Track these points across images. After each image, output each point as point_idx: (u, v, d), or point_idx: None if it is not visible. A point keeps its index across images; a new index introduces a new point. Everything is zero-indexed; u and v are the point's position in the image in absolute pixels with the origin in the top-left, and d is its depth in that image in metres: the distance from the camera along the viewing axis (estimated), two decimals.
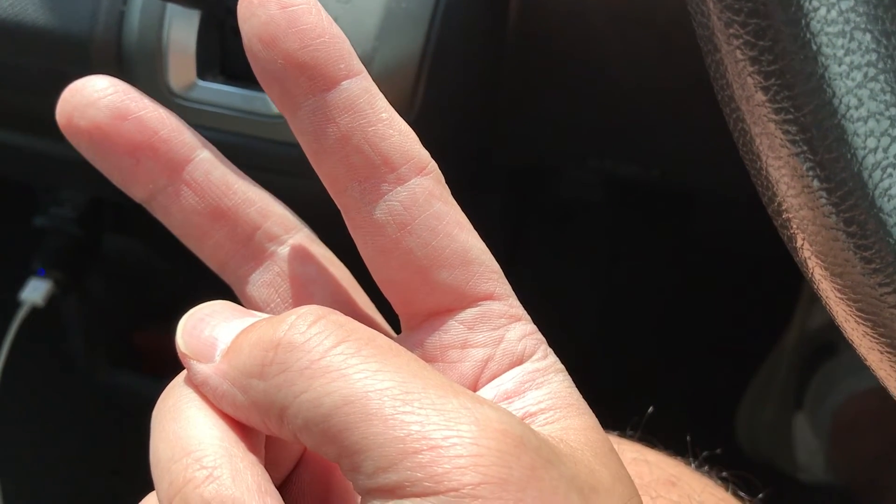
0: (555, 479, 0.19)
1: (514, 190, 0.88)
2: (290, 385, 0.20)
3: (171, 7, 0.44)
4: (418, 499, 0.18)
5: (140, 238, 0.80)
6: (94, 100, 0.23)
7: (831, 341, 0.93)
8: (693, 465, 0.35)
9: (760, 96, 0.21)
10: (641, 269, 0.99)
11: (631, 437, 0.36)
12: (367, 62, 0.43)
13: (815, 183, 0.21)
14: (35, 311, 0.73)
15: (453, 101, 0.48)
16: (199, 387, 0.22)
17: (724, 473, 0.35)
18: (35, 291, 0.72)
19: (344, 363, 0.19)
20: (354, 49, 0.43)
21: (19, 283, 0.73)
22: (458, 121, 0.50)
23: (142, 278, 0.87)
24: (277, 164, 0.46)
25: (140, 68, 0.45)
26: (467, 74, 0.48)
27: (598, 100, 0.57)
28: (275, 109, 0.44)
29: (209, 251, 0.25)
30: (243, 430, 0.21)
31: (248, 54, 0.22)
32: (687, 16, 0.49)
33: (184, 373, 0.22)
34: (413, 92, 0.44)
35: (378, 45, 0.43)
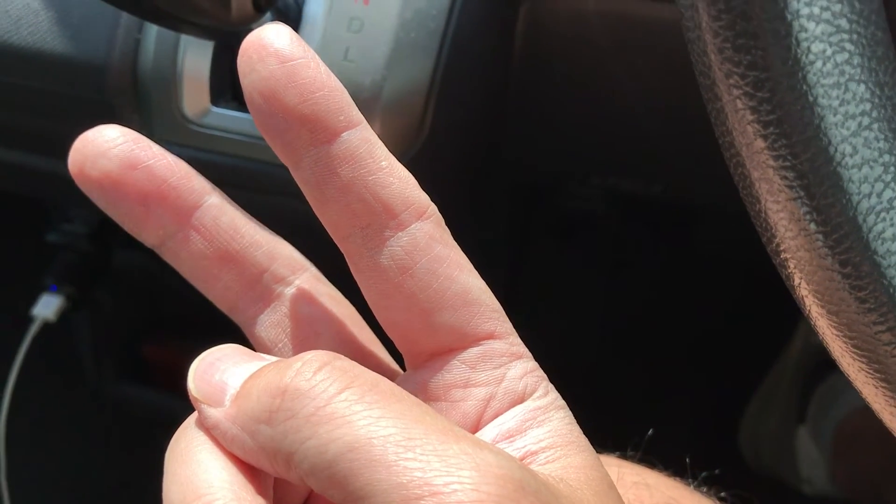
0: None
1: (518, 203, 0.88)
2: (297, 431, 0.20)
3: (185, 36, 0.45)
4: None
5: (149, 253, 0.81)
6: (104, 150, 0.24)
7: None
8: (692, 485, 0.35)
9: (760, 143, 0.22)
10: (644, 281, 1.00)
11: (632, 458, 0.36)
12: (377, 89, 0.44)
13: (812, 226, 0.22)
14: (47, 326, 0.74)
15: (461, 124, 0.49)
16: (209, 430, 0.22)
17: (722, 494, 0.36)
18: (47, 307, 0.73)
19: (348, 409, 0.20)
20: (363, 80, 0.44)
21: (31, 299, 0.74)
22: (467, 143, 0.51)
23: (150, 292, 0.88)
24: (287, 188, 0.47)
25: (155, 95, 0.46)
26: (475, 99, 0.49)
27: (602, 120, 0.58)
28: None
29: (218, 293, 0.26)
30: (252, 472, 0.22)
31: (249, 108, 0.23)
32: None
33: (195, 415, 0.23)
34: (422, 117, 0.45)
35: (388, 74, 0.44)
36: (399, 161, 0.24)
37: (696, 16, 0.21)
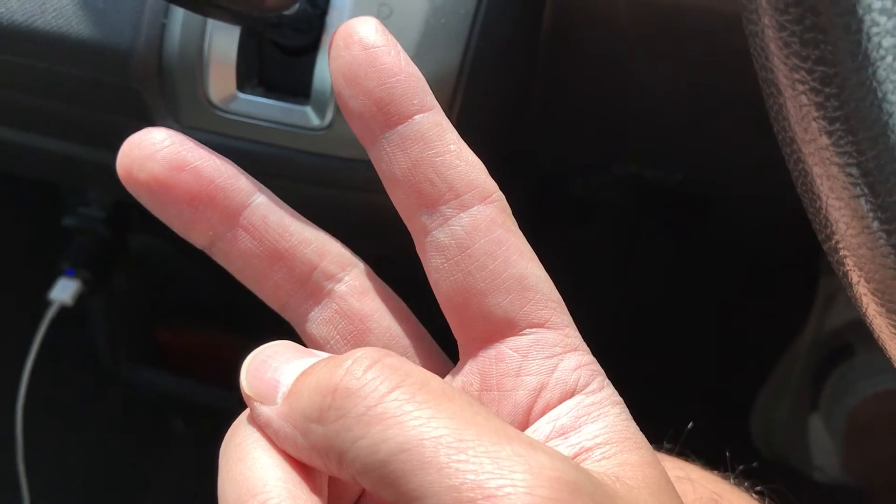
0: None
1: (532, 192, 0.88)
2: (348, 431, 0.20)
3: (211, 21, 0.44)
4: None
5: (164, 236, 0.81)
6: (152, 153, 0.24)
7: (847, 343, 0.93)
8: (731, 479, 0.35)
9: (824, 140, 0.21)
10: (656, 270, 1.00)
11: (668, 451, 0.36)
12: None
13: (875, 224, 0.21)
14: (63, 310, 0.74)
15: (490, 112, 0.48)
16: (262, 428, 0.22)
17: (759, 487, 0.36)
18: (64, 291, 0.73)
19: (399, 409, 0.20)
20: None
21: (48, 283, 0.74)
22: (494, 131, 0.51)
23: (166, 276, 0.88)
24: (315, 174, 0.46)
25: (181, 80, 0.45)
26: (503, 86, 0.49)
27: (628, 107, 0.57)
28: (313, 121, 0.45)
29: (269, 292, 0.26)
30: (306, 470, 0.22)
31: (335, 91, 0.24)
32: (712, 28, 0.49)
33: (247, 411, 0.23)
34: (451, 104, 0.45)
35: (417, 60, 0.43)
36: None
37: (760, 8, 0.21)
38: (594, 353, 0.25)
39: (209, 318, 0.88)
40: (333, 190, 0.46)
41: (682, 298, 0.98)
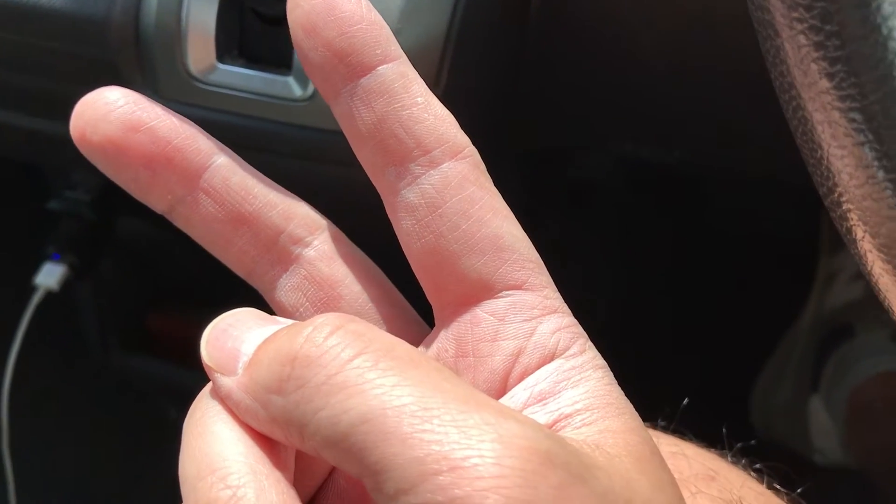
0: (585, 497, 0.18)
1: (527, 171, 0.87)
2: (308, 401, 0.19)
3: None
4: None
5: (153, 220, 0.79)
6: (105, 113, 0.23)
7: (848, 324, 0.92)
8: (729, 456, 0.34)
9: (825, 83, 0.20)
10: (653, 250, 0.99)
11: (664, 429, 0.35)
12: None
13: (881, 174, 0.20)
14: (50, 296, 0.72)
15: (478, 82, 0.47)
16: (223, 400, 0.21)
17: (757, 465, 0.35)
18: (50, 276, 0.72)
19: (361, 378, 0.19)
20: None
21: (33, 268, 0.73)
22: (483, 102, 0.50)
23: (154, 261, 0.87)
24: (298, 148, 0.45)
25: (159, 51, 0.44)
26: (492, 55, 0.47)
27: (624, 81, 0.56)
28: (296, 92, 0.44)
29: (234, 258, 0.25)
30: (270, 444, 0.21)
31: (294, 43, 0.23)
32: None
33: (210, 384, 0.22)
34: (437, 74, 0.44)
35: (402, 27, 0.42)
36: None
37: None
38: (590, 336, 0.24)
39: (201, 303, 0.86)
40: (316, 164, 0.45)
41: (681, 280, 0.97)
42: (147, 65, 0.44)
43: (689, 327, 0.97)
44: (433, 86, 0.44)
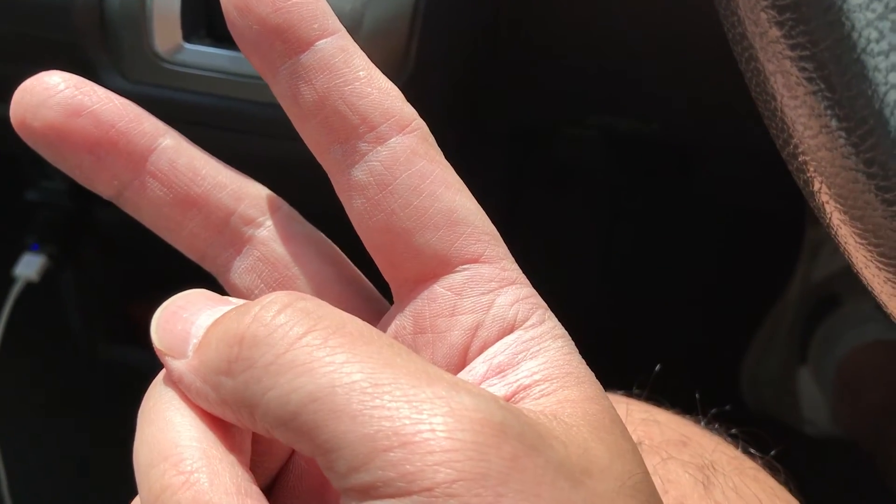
0: (540, 468, 0.18)
1: (511, 152, 0.87)
2: (257, 382, 0.19)
3: None
4: (392, 499, 0.17)
5: None
6: (45, 98, 0.22)
7: (835, 293, 0.92)
8: (702, 423, 0.34)
9: (775, 32, 0.20)
10: (640, 226, 0.98)
11: (638, 397, 0.35)
12: (356, 20, 0.41)
13: (834, 122, 0.20)
14: (30, 287, 0.72)
15: (448, 57, 0.47)
16: (176, 384, 0.21)
17: (733, 430, 0.35)
18: (29, 267, 0.71)
19: (310, 356, 0.18)
20: (344, 6, 0.41)
21: (13, 259, 0.72)
22: (455, 78, 0.49)
23: (136, 249, 0.86)
24: (269, 127, 0.45)
25: (124, 32, 0.43)
26: (463, 29, 0.47)
27: (599, 52, 0.55)
28: None
29: (186, 242, 0.24)
30: (224, 427, 0.21)
31: (227, 22, 0.22)
32: None
33: (164, 370, 0.22)
34: (406, 49, 0.43)
35: (368, 1, 0.41)
36: None
37: None
38: (575, 314, 0.23)
39: (185, 289, 0.86)
40: (285, 141, 0.44)
41: (666, 255, 0.97)
42: (113, 46, 0.44)
43: (677, 301, 0.97)
44: (403, 61, 0.43)
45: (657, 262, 0.97)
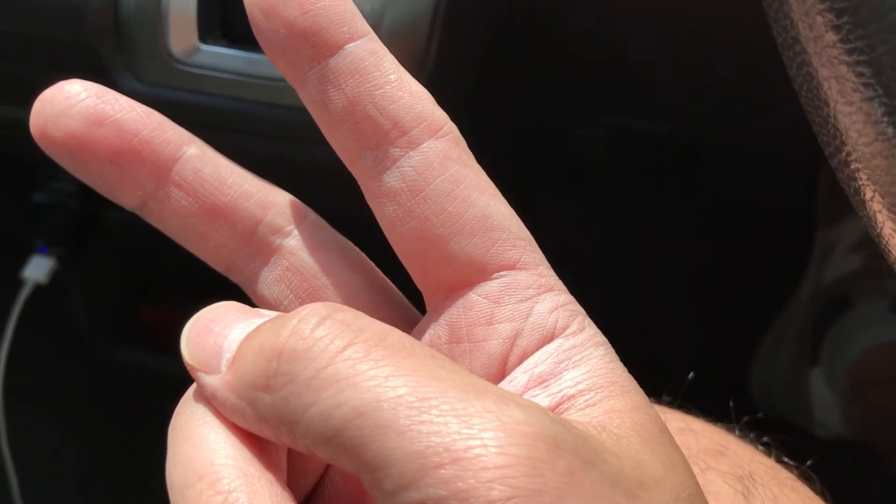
0: (596, 483, 0.17)
1: (522, 151, 0.86)
2: (298, 398, 0.18)
3: None
4: None
5: None
6: (66, 108, 0.22)
7: (847, 295, 0.92)
8: (736, 431, 0.33)
9: (831, 36, 0.19)
10: (648, 226, 0.98)
11: (669, 404, 0.34)
12: (377, 19, 0.41)
13: (891, 129, 0.19)
14: (38, 289, 0.71)
15: (468, 58, 0.46)
16: (208, 400, 0.20)
17: (765, 439, 0.34)
18: (38, 269, 0.71)
19: (352, 370, 0.18)
20: (363, 6, 0.41)
21: (21, 261, 0.72)
22: (473, 79, 0.49)
23: (144, 251, 0.86)
24: (285, 130, 0.44)
25: (139, 34, 0.43)
26: (481, 29, 0.46)
27: (614, 54, 0.55)
28: (278, 72, 0.42)
29: (211, 253, 0.24)
30: (260, 444, 0.20)
31: (252, 26, 0.22)
32: None
33: (195, 385, 0.21)
34: (426, 50, 0.43)
35: (388, 2, 0.41)
36: None
37: None
38: (590, 313, 0.23)
39: (193, 293, 0.85)
40: (302, 145, 0.44)
41: (675, 256, 0.96)
42: (127, 48, 0.43)
43: (687, 302, 0.97)
44: (423, 61, 0.43)
45: (666, 262, 0.96)
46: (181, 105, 0.44)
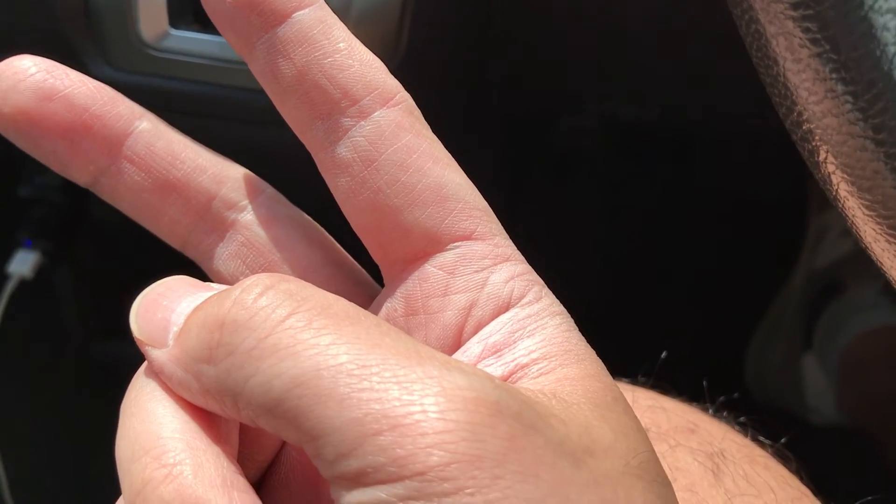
0: (539, 448, 0.17)
1: (510, 142, 0.86)
2: (239, 368, 0.18)
3: None
4: (383, 486, 0.16)
5: None
6: (15, 83, 0.22)
7: (839, 280, 0.92)
8: (710, 410, 0.33)
9: None
10: (642, 216, 0.98)
11: (644, 384, 0.34)
12: (345, 4, 0.40)
13: (840, 86, 0.19)
14: (24, 284, 0.71)
15: (442, 39, 0.46)
16: (158, 374, 0.20)
17: (741, 418, 0.34)
18: (23, 264, 0.70)
19: (293, 339, 0.18)
20: None
21: (6, 256, 0.71)
22: (449, 61, 0.48)
23: (131, 244, 0.85)
24: (258, 114, 0.44)
25: (109, 19, 0.42)
26: (456, 9, 0.46)
27: (598, 37, 0.54)
28: None
29: (166, 229, 0.23)
30: (208, 418, 0.20)
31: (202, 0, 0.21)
32: None
33: (146, 362, 0.21)
34: (398, 31, 0.42)
35: None
36: None
37: None
38: (577, 305, 0.22)
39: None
40: (272, 128, 0.43)
41: (669, 245, 0.96)
42: (98, 34, 0.43)
43: (680, 289, 0.96)
44: (395, 42, 0.42)
45: (659, 250, 0.96)
46: (153, 90, 0.43)
